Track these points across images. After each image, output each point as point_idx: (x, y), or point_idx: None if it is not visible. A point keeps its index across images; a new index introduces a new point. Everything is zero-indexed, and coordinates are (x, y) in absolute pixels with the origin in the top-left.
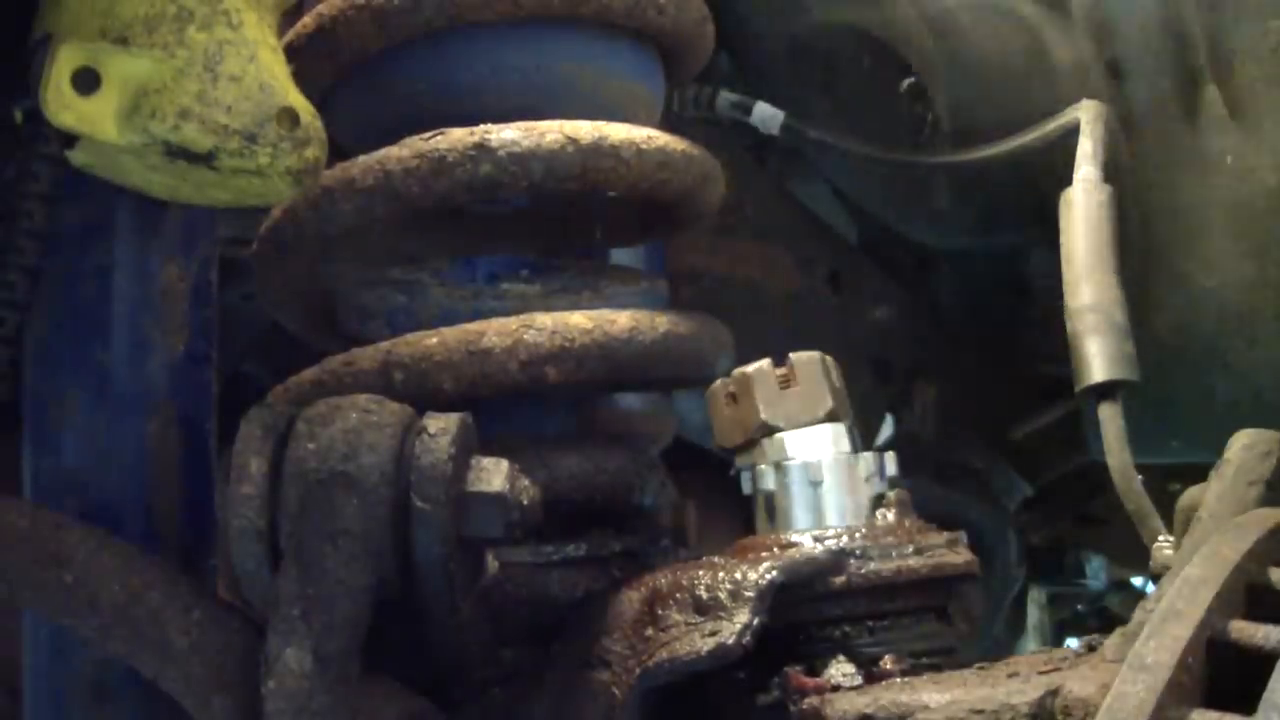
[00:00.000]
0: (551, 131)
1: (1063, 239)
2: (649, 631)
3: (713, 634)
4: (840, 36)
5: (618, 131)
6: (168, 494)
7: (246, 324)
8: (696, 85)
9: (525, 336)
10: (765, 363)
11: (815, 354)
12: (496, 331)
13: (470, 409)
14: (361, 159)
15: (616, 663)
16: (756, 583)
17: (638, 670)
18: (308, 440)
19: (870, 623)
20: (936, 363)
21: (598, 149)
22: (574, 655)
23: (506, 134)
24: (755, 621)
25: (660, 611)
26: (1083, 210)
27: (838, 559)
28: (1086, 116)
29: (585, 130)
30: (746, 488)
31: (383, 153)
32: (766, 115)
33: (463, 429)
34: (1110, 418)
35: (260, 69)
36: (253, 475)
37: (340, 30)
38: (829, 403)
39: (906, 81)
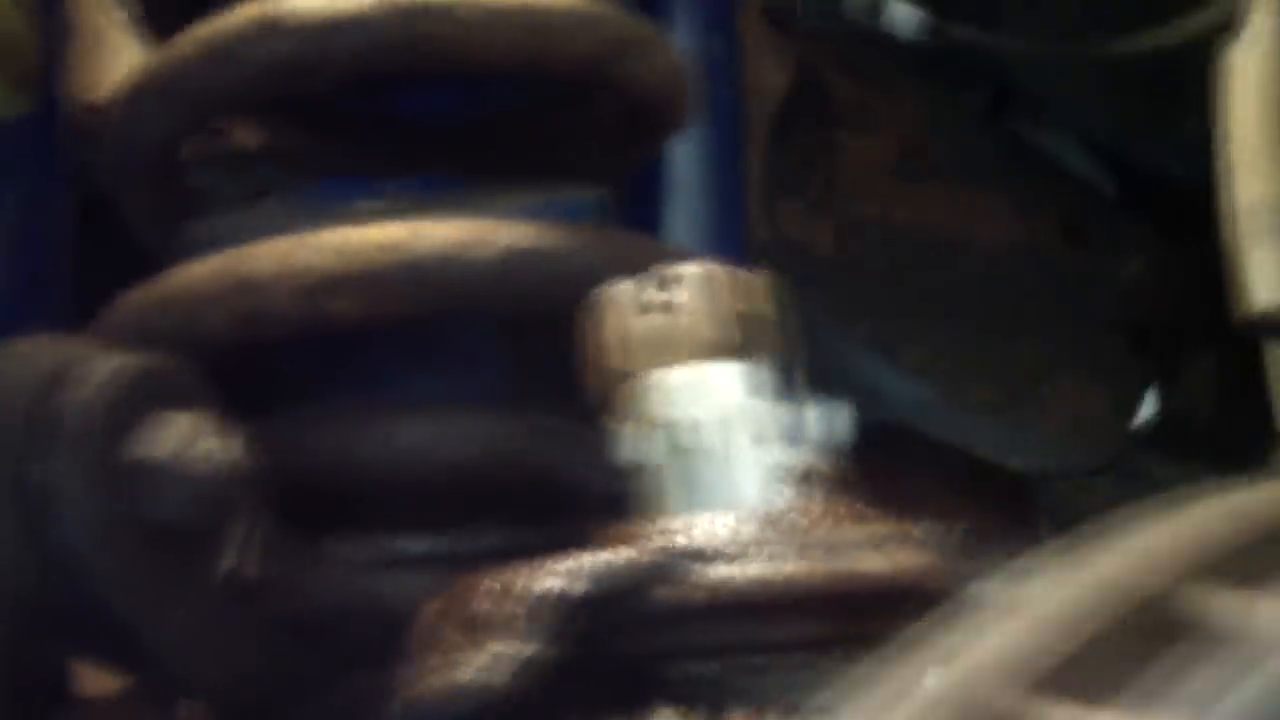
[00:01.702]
0: None
1: (1221, 115)
2: (432, 656)
3: (473, 665)
4: None
5: None
6: None
7: None
8: None
9: (297, 257)
10: (628, 284)
11: (711, 266)
12: (266, 254)
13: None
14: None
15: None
16: (538, 598)
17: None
18: None
19: (731, 658)
20: (1210, 325)
21: (427, 12)
22: (380, 684)
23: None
24: (526, 653)
25: (446, 630)
26: (1252, 78)
27: (673, 563)
28: None
29: None
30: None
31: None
32: (901, 16)
33: (135, 376)
34: None
35: None
36: None
37: None
38: (717, 333)
39: None
